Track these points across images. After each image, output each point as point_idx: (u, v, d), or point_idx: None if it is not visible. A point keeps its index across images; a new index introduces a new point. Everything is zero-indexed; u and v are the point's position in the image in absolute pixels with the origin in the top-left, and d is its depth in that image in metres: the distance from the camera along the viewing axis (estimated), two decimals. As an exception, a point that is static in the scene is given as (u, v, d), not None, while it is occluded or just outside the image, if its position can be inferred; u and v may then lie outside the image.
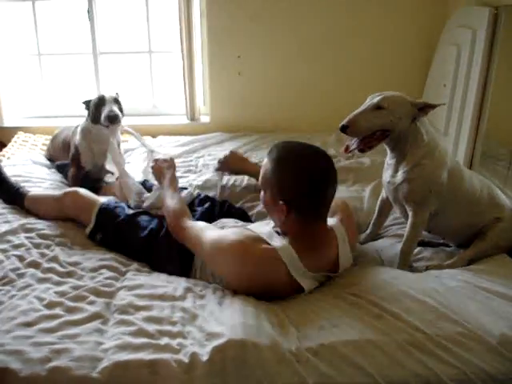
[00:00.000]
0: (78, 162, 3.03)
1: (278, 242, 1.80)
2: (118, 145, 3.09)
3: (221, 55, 3.97)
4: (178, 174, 3.24)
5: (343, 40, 3.90)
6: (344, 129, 2.06)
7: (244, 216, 2.56)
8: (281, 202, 1.75)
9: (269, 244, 1.79)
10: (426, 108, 2.05)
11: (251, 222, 2.55)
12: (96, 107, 2.90)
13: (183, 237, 2.07)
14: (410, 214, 2.17)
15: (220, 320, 1.64)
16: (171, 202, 2.23)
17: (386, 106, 2.05)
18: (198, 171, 3.29)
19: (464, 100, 2.95)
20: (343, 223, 1.97)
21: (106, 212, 2.34)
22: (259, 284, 1.78)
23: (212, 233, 1.94)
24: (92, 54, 4.23)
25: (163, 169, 2.47)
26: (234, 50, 3.94)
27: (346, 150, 2.17)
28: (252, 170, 2.68)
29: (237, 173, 2.87)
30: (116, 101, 2.92)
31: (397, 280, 1.83)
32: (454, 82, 3.10)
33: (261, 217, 2.63)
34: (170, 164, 2.50)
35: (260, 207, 2.71)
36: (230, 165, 2.82)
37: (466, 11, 3.20)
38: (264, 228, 1.93)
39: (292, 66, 3.97)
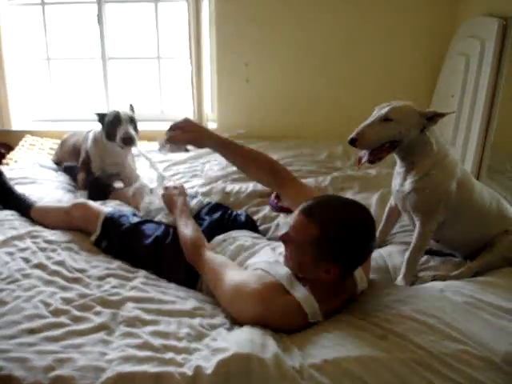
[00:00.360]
0: (88, 167, 3.04)
1: (299, 292, 1.72)
2: (132, 158, 3.12)
3: (229, 62, 3.98)
4: (183, 179, 3.27)
5: (352, 49, 3.90)
6: (353, 142, 2.04)
7: (252, 224, 2.54)
8: (331, 265, 1.66)
9: (289, 293, 1.72)
10: (435, 117, 2.03)
11: (258, 229, 2.56)
12: (111, 125, 2.87)
13: (202, 269, 2.01)
14: (418, 223, 2.16)
15: (227, 338, 1.63)
16: (186, 231, 2.17)
17: (395, 117, 2.03)
18: (204, 176, 3.30)
19: (472, 111, 2.95)
20: None
21: (111, 221, 2.35)
22: (274, 328, 1.71)
23: (232, 275, 1.84)
24: (101, 59, 4.25)
25: (174, 196, 2.43)
26: (242, 58, 3.95)
27: (359, 162, 2.16)
28: (217, 143, 2.16)
29: (199, 145, 2.21)
30: (131, 120, 2.90)
31: (401, 302, 1.78)
32: (462, 92, 3.10)
33: (267, 221, 2.70)
34: (180, 191, 2.47)
35: (265, 212, 2.74)
36: (188, 135, 2.18)
37: (475, 22, 3.20)
38: (281, 268, 1.82)
39: (299, 75, 3.97)
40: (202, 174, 3.34)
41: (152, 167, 2.91)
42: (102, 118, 2.95)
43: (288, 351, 1.59)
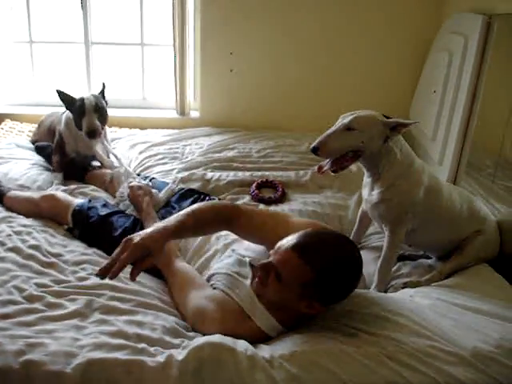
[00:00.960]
0: (63, 149, 3.01)
1: (261, 317, 1.70)
2: (107, 141, 3.10)
3: (213, 51, 3.96)
4: (163, 161, 3.26)
5: (336, 41, 3.90)
6: (315, 150, 2.03)
7: None
8: (315, 303, 1.63)
9: (251, 320, 1.69)
10: (398, 127, 2.01)
11: None
12: (77, 114, 2.84)
13: (169, 278, 2.00)
14: (386, 233, 2.16)
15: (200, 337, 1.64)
16: None
17: (357, 126, 2.00)
18: (184, 158, 3.30)
19: (453, 107, 2.95)
20: None
21: (79, 213, 2.35)
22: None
23: (195, 297, 1.81)
24: (84, 44, 4.19)
25: (139, 197, 2.45)
26: (227, 47, 3.93)
27: (319, 170, 2.15)
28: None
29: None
30: (97, 109, 2.83)
31: (371, 305, 1.76)
32: (445, 88, 3.10)
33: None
34: (145, 191, 2.47)
35: (244, 201, 2.73)
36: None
37: (459, 18, 3.20)
38: (243, 288, 1.78)
39: (284, 65, 3.96)
40: (183, 156, 3.33)
41: (119, 163, 2.92)
42: (69, 101, 2.87)
43: (256, 347, 1.61)
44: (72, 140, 3.00)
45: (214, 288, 1.86)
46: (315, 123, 3.79)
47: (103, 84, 2.98)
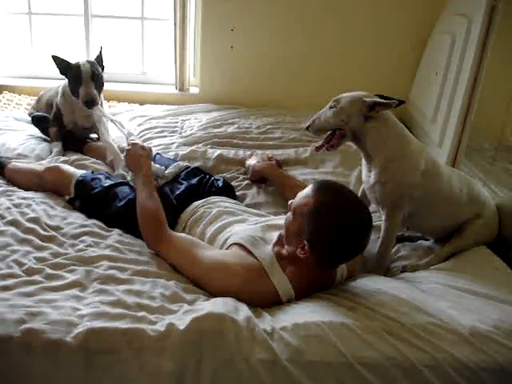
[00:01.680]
0: (60, 120, 2.98)
1: (278, 277, 1.75)
2: (104, 116, 3.01)
3: (214, 27, 3.93)
4: (162, 134, 3.27)
5: (339, 19, 3.87)
6: (307, 128, 2.20)
7: (229, 190, 2.54)
8: (306, 243, 1.69)
9: (268, 277, 1.74)
10: (376, 106, 2.02)
11: (235, 195, 2.56)
12: (73, 81, 2.78)
13: (164, 247, 1.92)
14: (383, 217, 2.16)
15: (202, 304, 1.65)
16: (149, 203, 2.02)
17: (338, 105, 2.08)
18: (184, 132, 3.29)
19: (454, 89, 2.95)
20: None
21: (82, 184, 2.33)
22: (247, 303, 1.70)
23: (209, 255, 1.83)
24: (84, 16, 4.16)
25: (140, 157, 2.21)
26: (228, 23, 3.90)
27: (316, 149, 2.26)
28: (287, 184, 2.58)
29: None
30: (93, 76, 2.75)
31: (371, 282, 1.84)
32: (446, 70, 3.10)
33: (246, 188, 2.68)
34: (147, 154, 2.24)
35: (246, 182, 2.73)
36: (268, 177, 2.71)
37: (464, 0, 3.18)
38: (266, 248, 1.84)
39: (286, 42, 3.94)
40: (182, 130, 3.32)
41: (119, 128, 2.88)
42: (64, 66, 2.81)
43: (260, 317, 1.62)
44: (69, 110, 2.95)
45: (231, 245, 1.89)
46: (316, 101, 3.78)
47: (100, 48, 2.92)
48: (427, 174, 2.12)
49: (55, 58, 2.79)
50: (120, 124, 3.00)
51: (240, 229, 1.99)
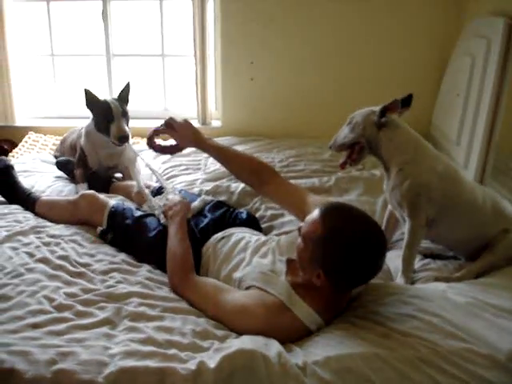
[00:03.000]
0: (85, 162, 2.99)
1: (300, 308, 1.72)
2: (134, 157, 2.99)
3: (234, 60, 3.98)
4: (187, 171, 3.28)
5: (356, 48, 3.89)
6: (330, 146, 2.35)
7: (254, 222, 2.53)
8: (320, 271, 1.66)
9: (291, 311, 1.70)
10: (385, 110, 2.18)
11: (260, 227, 2.54)
12: (102, 118, 2.78)
13: (189, 292, 1.92)
14: (407, 219, 2.16)
15: (232, 341, 1.63)
16: (180, 250, 2.06)
17: (352, 120, 2.25)
18: (207, 169, 3.30)
19: (477, 110, 2.94)
20: None
21: (115, 214, 2.37)
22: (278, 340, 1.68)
23: (231, 299, 1.80)
24: (105, 56, 4.24)
25: (176, 211, 2.24)
26: (247, 56, 3.94)
27: (341, 166, 2.33)
28: (208, 149, 2.35)
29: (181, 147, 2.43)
30: (123, 113, 2.79)
31: (403, 302, 1.78)
32: (468, 91, 3.09)
33: (274, 219, 2.67)
34: (183, 206, 2.27)
35: (271, 212, 2.72)
36: (180, 135, 2.35)
37: (481, 21, 3.19)
38: (278, 281, 1.81)
39: (304, 73, 3.96)
40: (205, 167, 3.33)
41: (159, 180, 2.78)
42: (94, 102, 2.80)
43: (291, 351, 1.60)
44: (93, 152, 2.98)
45: (248, 287, 1.86)
46: (336, 130, 3.80)
47: (128, 83, 2.92)
48: (446, 178, 2.15)
49: (87, 92, 2.79)
50: (160, 175, 2.89)
51: (250, 269, 1.96)
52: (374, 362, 1.51)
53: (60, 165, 3.15)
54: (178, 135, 2.33)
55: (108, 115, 2.75)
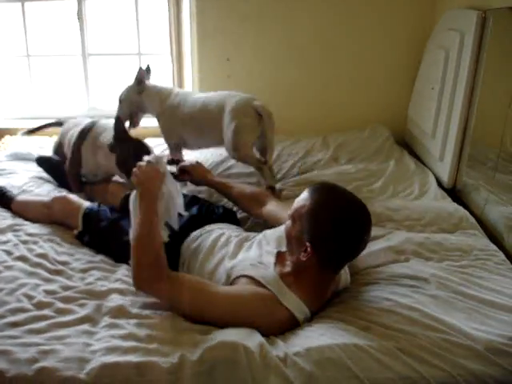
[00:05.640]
0: (78, 171, 2.79)
1: (290, 299, 1.72)
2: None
3: (210, 58, 3.97)
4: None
5: (332, 43, 3.91)
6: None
7: (231, 215, 2.52)
8: (308, 244, 1.70)
9: (281, 303, 1.70)
10: (140, 81, 2.99)
11: (238, 220, 2.54)
12: (131, 159, 2.27)
13: (168, 288, 1.72)
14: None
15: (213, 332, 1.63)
16: (153, 239, 1.81)
17: (121, 98, 3.03)
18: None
19: (452, 103, 2.96)
20: None
21: (89, 216, 2.35)
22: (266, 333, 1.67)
23: (223, 290, 1.75)
24: (81, 56, 4.21)
25: (153, 180, 1.93)
26: (224, 53, 3.94)
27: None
28: (214, 185, 2.59)
29: (197, 184, 2.66)
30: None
31: (384, 298, 1.80)
32: (442, 84, 3.11)
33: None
34: (152, 171, 1.94)
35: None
36: (193, 176, 2.57)
37: (454, 14, 3.21)
38: (267, 272, 1.80)
39: (281, 69, 3.97)
40: None
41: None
42: (122, 137, 2.51)
43: (272, 343, 1.61)
44: (94, 166, 2.74)
45: (237, 277, 1.82)
46: (313, 126, 3.83)
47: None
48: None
49: (118, 123, 2.53)
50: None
51: (238, 260, 1.94)
52: (354, 353, 1.53)
53: (41, 161, 3.07)
54: (192, 177, 2.60)
55: (139, 153, 2.29)
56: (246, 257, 1.97)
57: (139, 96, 2.96)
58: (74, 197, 2.49)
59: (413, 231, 2.37)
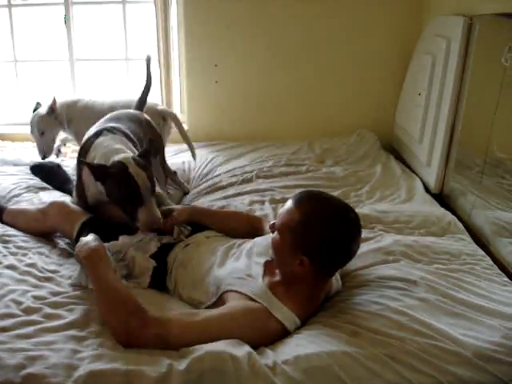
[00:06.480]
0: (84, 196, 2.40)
1: (281, 311, 1.69)
2: None
3: (198, 64, 3.98)
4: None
5: (319, 49, 3.93)
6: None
7: None
8: (304, 258, 1.68)
9: (274, 316, 1.67)
10: (51, 109, 3.22)
11: None
12: (123, 199, 2.05)
13: (156, 330, 1.60)
14: None
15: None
16: (118, 291, 1.72)
17: (33, 130, 3.26)
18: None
19: (438, 109, 2.98)
20: None
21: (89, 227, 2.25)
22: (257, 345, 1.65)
23: (213, 313, 1.68)
24: (69, 61, 4.20)
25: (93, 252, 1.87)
26: (212, 59, 3.95)
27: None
28: (210, 223, 2.31)
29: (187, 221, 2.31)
30: (153, 188, 2.11)
31: (373, 302, 1.80)
32: (429, 90, 3.13)
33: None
34: (90, 251, 1.87)
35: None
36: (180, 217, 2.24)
37: (441, 21, 3.24)
38: (255, 284, 1.77)
39: (269, 75, 3.99)
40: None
41: None
42: (101, 172, 2.06)
43: (260, 352, 1.59)
44: (101, 195, 2.22)
45: (226, 291, 1.79)
46: (301, 131, 3.85)
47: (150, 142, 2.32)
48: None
49: (96, 167, 2.06)
50: None
51: (225, 273, 1.89)
52: (343, 360, 1.52)
53: (35, 169, 3.03)
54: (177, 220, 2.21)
55: (133, 195, 2.02)
56: (235, 268, 1.91)
57: (54, 121, 3.26)
58: (74, 205, 2.40)
59: (401, 234, 2.38)
